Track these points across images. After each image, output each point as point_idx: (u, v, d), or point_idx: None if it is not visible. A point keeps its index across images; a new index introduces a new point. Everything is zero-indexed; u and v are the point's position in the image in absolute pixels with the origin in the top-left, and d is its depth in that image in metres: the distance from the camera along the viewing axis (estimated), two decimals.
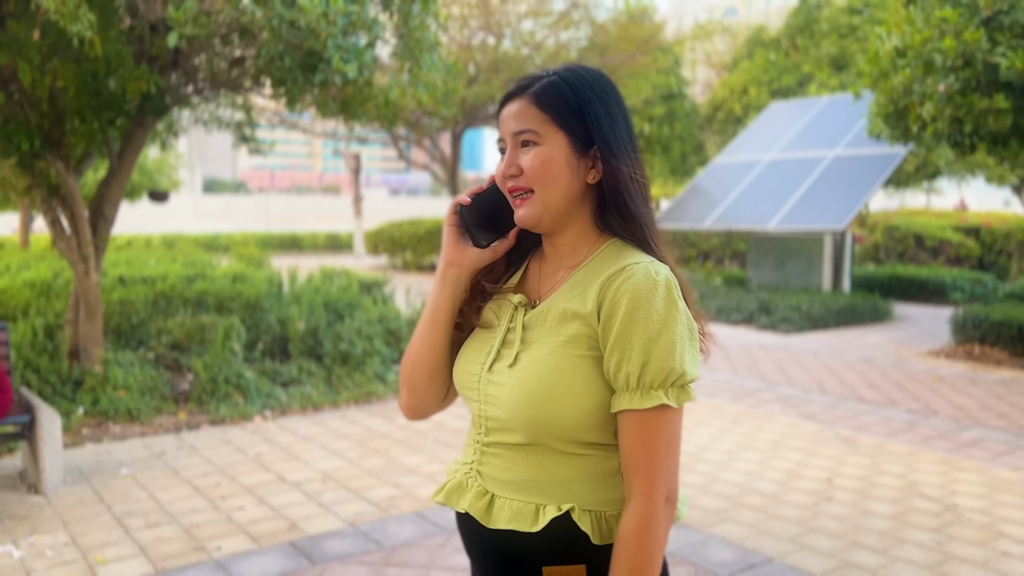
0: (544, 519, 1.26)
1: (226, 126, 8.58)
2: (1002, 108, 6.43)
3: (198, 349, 6.68)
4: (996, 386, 7.13)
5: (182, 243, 21.08)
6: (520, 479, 1.31)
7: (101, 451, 5.06)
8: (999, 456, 5.15)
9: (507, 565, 1.33)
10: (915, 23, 7.14)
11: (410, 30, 5.94)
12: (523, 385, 1.28)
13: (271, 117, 19.08)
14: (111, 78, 5.53)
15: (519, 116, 1.32)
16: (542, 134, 1.30)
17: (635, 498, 1.24)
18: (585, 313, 1.28)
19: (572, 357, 1.27)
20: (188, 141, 60.95)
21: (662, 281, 1.24)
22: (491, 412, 1.33)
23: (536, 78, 1.35)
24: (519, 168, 1.31)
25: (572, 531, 1.27)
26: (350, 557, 3.58)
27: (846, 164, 11.87)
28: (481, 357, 1.38)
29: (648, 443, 1.23)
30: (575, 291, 1.31)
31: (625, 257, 1.29)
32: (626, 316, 1.22)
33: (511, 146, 1.33)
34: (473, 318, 1.43)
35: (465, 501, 1.36)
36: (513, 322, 1.36)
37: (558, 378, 1.26)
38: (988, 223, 16.03)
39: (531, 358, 1.30)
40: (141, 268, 10.60)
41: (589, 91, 1.32)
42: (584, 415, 1.26)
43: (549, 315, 1.32)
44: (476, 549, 1.38)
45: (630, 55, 18.22)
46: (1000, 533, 3.91)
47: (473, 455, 1.39)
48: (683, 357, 1.23)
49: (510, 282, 1.43)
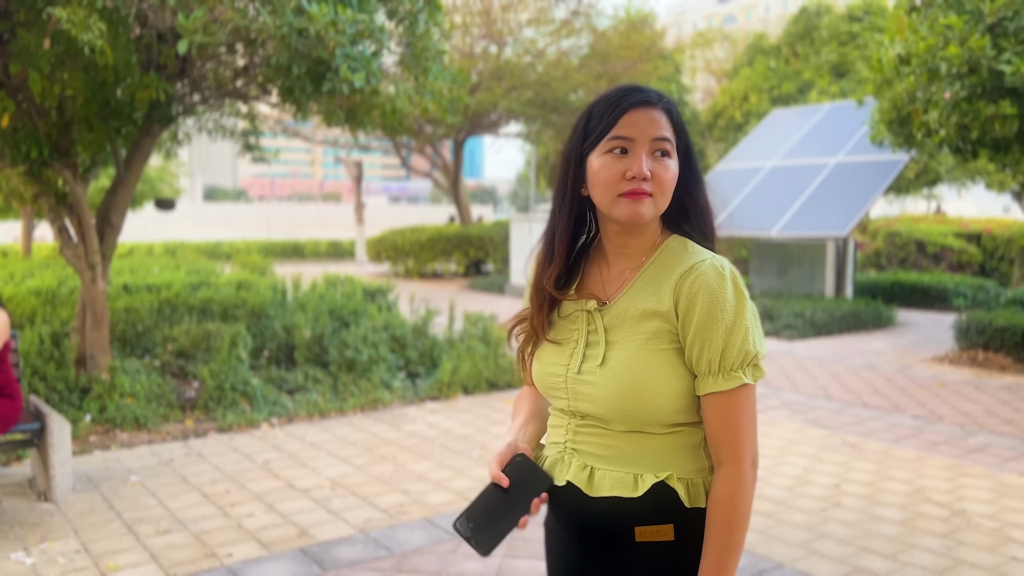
0: (644, 486, 1.41)
1: (230, 135, 8.61)
2: (1008, 114, 6.45)
3: (204, 357, 6.69)
4: (1001, 392, 7.14)
5: (184, 251, 21.10)
6: (616, 455, 1.45)
7: (109, 458, 5.06)
8: (1006, 461, 5.15)
9: (604, 529, 1.47)
10: (919, 31, 7.17)
11: (416, 39, 5.97)
12: (617, 382, 1.41)
13: (273, 125, 19.13)
14: (119, 87, 5.56)
15: (660, 124, 1.41)
16: (673, 146, 1.43)
17: (725, 465, 1.40)
18: (663, 311, 1.41)
19: (657, 352, 1.41)
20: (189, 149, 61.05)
21: (728, 275, 1.39)
22: (584, 408, 1.47)
23: (654, 92, 1.45)
24: (651, 174, 1.41)
25: (664, 496, 1.42)
26: (361, 563, 3.58)
27: (848, 171, 11.90)
28: (564, 359, 1.50)
29: (733, 418, 1.39)
30: (648, 290, 1.44)
31: (690, 255, 1.44)
32: (704, 310, 1.37)
33: (646, 150, 1.40)
34: (543, 332, 1.54)
35: (567, 474, 1.49)
36: (592, 325, 1.48)
37: (648, 372, 1.40)
38: (989, 229, 16.05)
39: (620, 356, 1.42)
40: (145, 276, 10.62)
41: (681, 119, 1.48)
42: (674, 402, 1.41)
43: (627, 315, 1.44)
44: (575, 517, 1.51)
45: (631, 62, 18.28)
46: (1009, 538, 3.91)
47: (564, 436, 1.52)
48: (755, 339, 1.40)
49: (570, 293, 1.53)
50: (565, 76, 17.25)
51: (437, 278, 17.99)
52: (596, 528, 1.49)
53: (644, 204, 1.40)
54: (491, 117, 18.41)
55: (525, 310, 1.60)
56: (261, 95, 6.40)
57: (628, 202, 1.40)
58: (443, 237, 17.65)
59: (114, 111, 5.80)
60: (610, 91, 1.45)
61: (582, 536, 1.52)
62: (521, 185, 59.61)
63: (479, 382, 6.99)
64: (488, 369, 7.09)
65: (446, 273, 18.63)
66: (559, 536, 1.59)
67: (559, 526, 1.57)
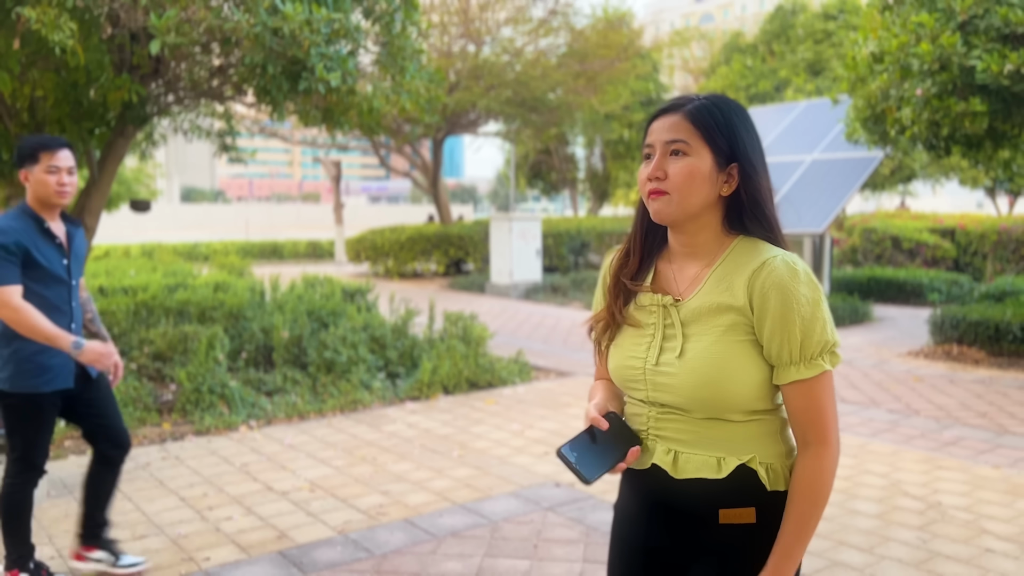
0: (727, 468, 1.49)
1: (206, 135, 8.53)
2: (978, 111, 6.53)
3: (181, 359, 6.63)
4: (975, 385, 7.23)
5: (161, 253, 20.90)
6: (698, 439, 1.52)
7: (84, 464, 4.97)
8: (980, 454, 5.22)
9: (688, 511, 1.55)
10: (892, 28, 7.24)
11: (393, 38, 5.95)
12: (696, 373, 1.48)
13: (250, 126, 18.99)
14: (92, 87, 5.50)
15: (672, 128, 1.50)
16: (692, 146, 1.49)
17: (812, 446, 1.49)
18: (738, 305, 1.48)
19: (734, 343, 1.48)
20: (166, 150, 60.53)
21: (801, 269, 1.47)
22: (663, 399, 1.54)
23: (689, 99, 1.54)
24: (665, 173, 1.50)
25: (747, 480, 1.50)
26: (340, 565, 3.57)
27: (824, 168, 12.00)
28: (641, 352, 1.58)
29: (817, 402, 1.48)
30: (721, 286, 1.51)
31: (760, 252, 1.51)
32: (781, 304, 1.44)
33: (660, 152, 1.51)
34: (621, 317, 1.63)
35: (652, 458, 1.56)
36: (669, 319, 1.56)
37: (726, 363, 1.47)
38: (963, 225, 16.24)
39: (697, 348, 1.50)
40: (121, 278, 10.50)
41: (735, 116, 1.53)
42: (751, 390, 1.49)
43: (702, 310, 1.52)
44: (660, 499, 1.59)
45: (609, 61, 18.33)
46: (983, 530, 3.96)
47: (646, 423, 1.59)
48: (832, 329, 1.48)
49: (645, 284, 1.62)
50: (543, 75, 17.26)
51: (417, 278, 17.95)
52: (680, 510, 1.57)
53: (659, 202, 1.51)
54: (470, 116, 18.38)
55: (602, 309, 1.69)
56: (237, 95, 6.36)
57: (650, 201, 1.53)
58: (423, 237, 17.61)
59: (87, 112, 5.74)
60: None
61: (666, 518, 1.59)
62: (501, 184, 59.60)
63: (459, 381, 6.98)
64: (468, 368, 7.08)
65: (426, 273, 18.59)
66: (637, 518, 1.65)
67: (639, 508, 1.64)
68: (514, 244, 14.25)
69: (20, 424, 3.21)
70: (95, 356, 3.15)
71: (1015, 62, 6.25)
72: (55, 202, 3.21)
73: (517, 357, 7.75)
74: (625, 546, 1.68)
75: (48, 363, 3.18)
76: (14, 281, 3.08)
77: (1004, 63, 6.32)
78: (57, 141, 3.21)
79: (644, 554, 1.65)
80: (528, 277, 14.44)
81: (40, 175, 3.17)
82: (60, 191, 3.19)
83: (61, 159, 3.19)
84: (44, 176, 3.17)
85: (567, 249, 17.38)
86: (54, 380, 3.20)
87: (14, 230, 3.12)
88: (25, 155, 3.19)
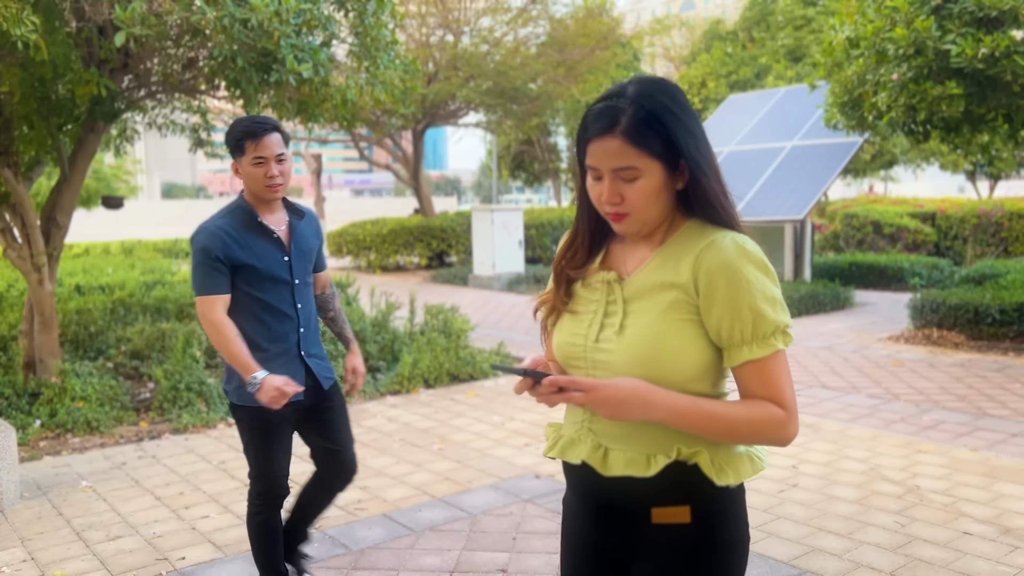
0: (657, 466, 1.46)
1: (181, 130, 8.43)
2: (954, 94, 6.54)
3: (158, 357, 6.56)
4: (954, 369, 7.26)
5: (141, 249, 20.71)
6: (628, 434, 1.49)
7: (60, 464, 4.95)
8: (958, 437, 5.24)
9: (620, 509, 1.53)
10: (867, 13, 7.24)
11: (366, 28, 5.88)
12: (633, 349, 1.46)
13: (228, 120, 18.82)
14: (59, 82, 5.41)
15: (617, 155, 1.44)
16: (641, 168, 1.44)
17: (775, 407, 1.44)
18: (681, 283, 1.46)
19: (675, 321, 1.45)
20: (145, 146, 59.99)
21: (750, 248, 1.45)
22: (601, 375, 1.49)
23: (619, 109, 1.43)
24: (621, 197, 1.47)
25: (679, 477, 1.46)
26: (317, 562, 3.53)
27: (804, 154, 12.02)
28: (583, 329, 1.55)
29: (774, 381, 1.44)
30: (667, 264, 1.49)
31: (709, 232, 1.48)
32: (729, 283, 1.41)
33: (610, 178, 1.46)
34: (563, 304, 1.61)
35: (581, 453, 1.54)
36: (612, 295, 1.53)
37: (665, 340, 1.44)
38: (943, 209, 16.32)
39: (638, 325, 1.47)
40: (98, 276, 10.40)
41: (671, 116, 1.44)
42: (690, 370, 1.45)
43: (646, 287, 1.50)
44: (590, 496, 1.58)
45: (589, 50, 18.27)
46: (961, 513, 3.98)
47: (582, 414, 1.56)
48: (784, 309, 1.45)
49: (594, 266, 1.60)
50: (523, 65, 17.19)
51: (400, 271, 17.87)
52: (613, 507, 1.54)
53: (625, 223, 1.50)
54: (450, 107, 18.28)
55: (548, 292, 1.67)
56: (209, 89, 6.27)
57: (613, 222, 1.51)
58: (405, 229, 17.52)
59: (55, 108, 5.64)
60: (591, 106, 1.49)
61: (599, 515, 1.57)
62: (484, 175, 59.42)
63: (440, 375, 6.95)
64: (449, 361, 7.05)
65: (409, 265, 18.51)
66: (581, 515, 1.64)
67: (582, 505, 1.62)
68: (496, 236, 14.21)
69: (251, 440, 2.89)
70: (270, 395, 2.69)
71: (989, 45, 6.26)
72: (267, 197, 2.83)
73: (499, 349, 7.72)
74: (573, 542, 1.67)
75: (278, 370, 2.80)
76: (215, 291, 2.74)
77: (978, 46, 6.32)
78: (263, 125, 2.77)
79: (592, 551, 1.63)
80: (510, 268, 14.41)
81: (247, 168, 2.79)
82: (270, 184, 2.79)
83: (267, 146, 2.76)
84: (251, 169, 2.78)
85: (550, 240, 17.35)
86: None
87: (219, 230, 2.77)
88: (232, 145, 2.81)
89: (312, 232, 3.00)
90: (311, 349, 2.95)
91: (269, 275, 2.81)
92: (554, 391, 1.42)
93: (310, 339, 2.95)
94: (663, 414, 1.40)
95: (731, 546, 1.52)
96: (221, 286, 2.75)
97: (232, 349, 2.72)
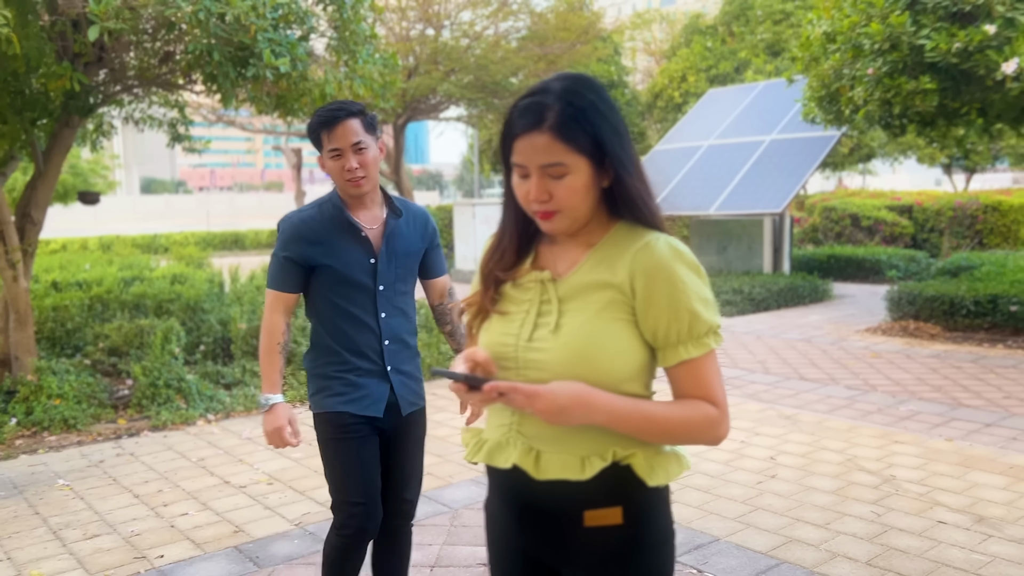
0: (592, 469, 1.43)
1: (159, 125, 8.36)
2: (928, 89, 6.60)
3: (137, 354, 6.51)
4: (930, 360, 7.35)
5: (119, 245, 20.55)
6: (564, 433, 1.45)
7: (36, 462, 4.90)
8: (934, 428, 5.30)
9: (552, 514, 1.50)
10: (843, 8, 7.29)
11: (345, 22, 5.85)
12: (569, 348, 1.44)
13: (207, 114, 18.68)
14: (32, 76, 5.34)
15: (545, 151, 1.42)
16: (569, 164, 1.42)
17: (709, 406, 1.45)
18: (617, 283, 1.45)
19: (611, 320, 1.45)
20: (123, 141, 59.38)
21: (683, 250, 1.46)
22: (533, 377, 1.46)
23: (545, 105, 1.42)
24: (549, 195, 1.44)
25: (614, 478, 1.45)
26: (297, 559, 3.53)
27: (783, 148, 12.09)
28: (514, 328, 1.52)
29: (707, 379, 1.45)
30: (602, 265, 1.48)
31: (642, 234, 1.48)
32: (667, 284, 1.42)
33: (538, 175, 1.44)
34: (492, 307, 1.57)
35: (512, 457, 1.49)
36: (546, 295, 1.51)
37: (601, 339, 1.43)
38: (920, 202, 16.48)
39: (574, 323, 1.46)
40: (75, 272, 10.29)
41: (597, 114, 1.43)
42: (625, 369, 1.44)
43: (581, 286, 1.48)
44: (522, 501, 1.54)
45: (570, 44, 18.26)
46: (936, 502, 4.03)
47: (511, 417, 1.52)
48: (715, 308, 1.47)
49: (524, 267, 1.57)
50: (504, 59, 17.15)
51: None
52: (544, 512, 1.51)
53: (553, 222, 1.47)
54: (431, 101, 18.22)
55: (475, 294, 1.63)
56: (186, 83, 6.22)
57: (541, 220, 1.48)
58: None
59: (29, 102, 5.57)
60: (515, 102, 1.46)
61: (534, 521, 1.53)
62: (466, 169, 59.32)
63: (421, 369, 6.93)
64: (431, 356, 7.05)
65: None
66: (506, 521, 1.60)
67: (507, 511, 1.58)
68: (478, 229, 14.22)
69: (328, 453, 2.53)
70: (270, 427, 2.48)
71: (963, 40, 6.32)
72: (350, 192, 2.49)
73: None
74: (502, 547, 1.63)
75: (358, 380, 2.50)
76: (279, 286, 2.51)
77: (952, 41, 6.38)
78: (337, 112, 2.42)
79: (521, 557, 1.59)
80: None
81: (327, 162, 2.48)
82: (350, 179, 2.45)
83: (342, 135, 2.42)
84: (330, 162, 2.47)
85: None
86: (363, 401, 2.50)
87: (301, 223, 2.49)
88: (312, 139, 2.51)
89: (416, 233, 2.63)
90: (401, 365, 2.57)
91: (349, 278, 2.48)
92: (494, 396, 1.39)
93: (400, 354, 2.57)
94: (604, 418, 1.39)
95: (661, 545, 1.52)
96: (286, 283, 2.51)
97: (263, 357, 2.53)
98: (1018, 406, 5.75)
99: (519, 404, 1.38)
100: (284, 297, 2.52)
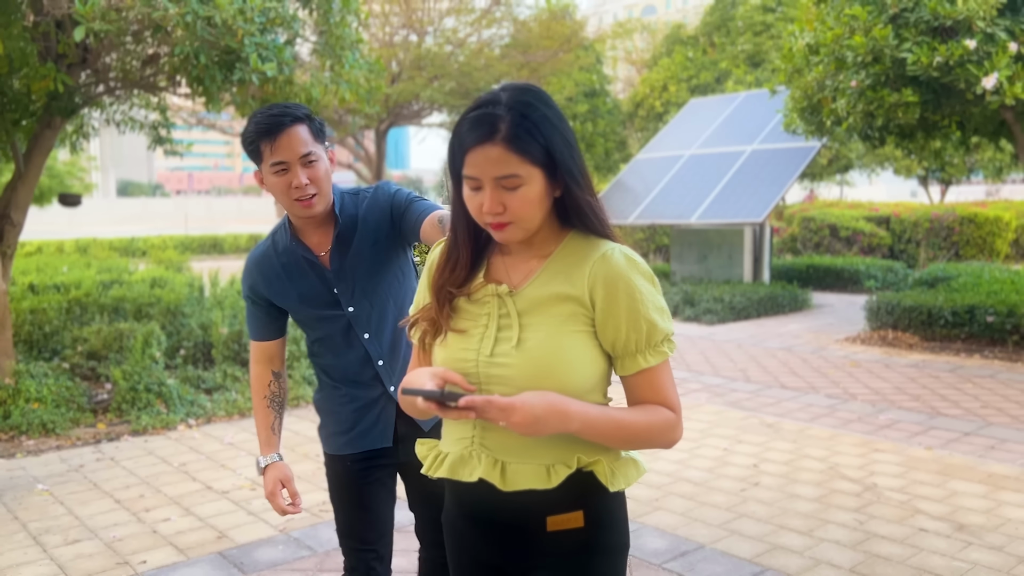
0: (558, 477, 1.45)
1: (140, 127, 8.28)
2: (910, 101, 6.70)
3: (116, 357, 6.44)
4: (909, 369, 7.43)
5: (96, 248, 20.32)
6: (529, 443, 1.46)
7: (14, 467, 4.84)
8: (913, 436, 5.36)
9: (517, 524, 1.51)
10: (827, 21, 7.38)
11: (331, 27, 5.85)
12: (535, 362, 1.44)
13: (187, 117, 18.55)
14: (15, 77, 5.29)
15: (498, 163, 1.40)
16: (523, 176, 1.41)
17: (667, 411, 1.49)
18: (576, 295, 1.46)
19: (573, 333, 1.46)
20: (101, 143, 58.81)
21: (639, 260, 1.48)
22: (497, 391, 1.45)
23: (496, 116, 1.40)
24: (503, 206, 1.43)
25: (576, 483, 1.46)
26: (282, 565, 3.51)
27: (763, 158, 12.20)
28: (473, 344, 1.50)
29: (663, 386, 1.49)
30: (559, 277, 1.48)
31: (597, 245, 1.49)
32: (626, 295, 1.44)
33: (491, 187, 1.42)
34: (447, 325, 1.54)
35: (477, 471, 1.48)
36: (504, 308, 1.50)
37: (565, 352, 1.44)
38: (897, 213, 16.68)
39: (537, 337, 1.46)
40: (53, 275, 10.16)
41: (548, 125, 1.42)
42: (589, 380, 1.47)
43: (540, 299, 1.48)
44: (485, 513, 1.54)
45: (552, 53, 18.34)
46: (917, 510, 4.07)
47: (472, 430, 1.51)
48: (669, 316, 1.50)
49: (477, 280, 1.55)
50: (487, 66, 17.20)
51: None
52: (509, 524, 1.52)
53: (507, 232, 1.46)
54: (413, 107, 18.23)
55: (426, 305, 1.58)
56: (170, 86, 6.18)
57: (495, 231, 1.46)
58: None
59: (11, 103, 5.52)
60: (464, 113, 1.44)
61: (496, 533, 1.54)
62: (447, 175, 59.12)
63: None
64: None
65: None
66: (466, 533, 1.60)
67: (467, 523, 1.59)
68: None
69: (333, 496, 2.32)
70: (265, 492, 2.23)
71: (944, 54, 6.42)
72: (300, 215, 2.11)
73: None
74: (463, 558, 1.63)
75: (357, 413, 2.22)
76: (253, 334, 2.27)
77: (933, 55, 6.48)
78: (279, 119, 2.01)
79: (483, 568, 1.60)
80: None
81: (269, 178, 2.07)
82: (301, 199, 2.06)
83: (287, 146, 2.01)
84: (272, 178, 2.06)
85: None
86: (366, 436, 2.22)
87: (255, 262, 2.22)
88: (250, 151, 2.08)
89: (379, 219, 2.20)
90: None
91: (313, 312, 2.20)
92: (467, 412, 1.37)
93: (392, 370, 2.22)
94: (577, 426, 1.40)
95: (618, 550, 1.54)
96: (259, 331, 2.26)
97: (254, 413, 2.31)
98: (996, 415, 5.83)
99: (492, 417, 1.36)
100: (262, 346, 2.27)
